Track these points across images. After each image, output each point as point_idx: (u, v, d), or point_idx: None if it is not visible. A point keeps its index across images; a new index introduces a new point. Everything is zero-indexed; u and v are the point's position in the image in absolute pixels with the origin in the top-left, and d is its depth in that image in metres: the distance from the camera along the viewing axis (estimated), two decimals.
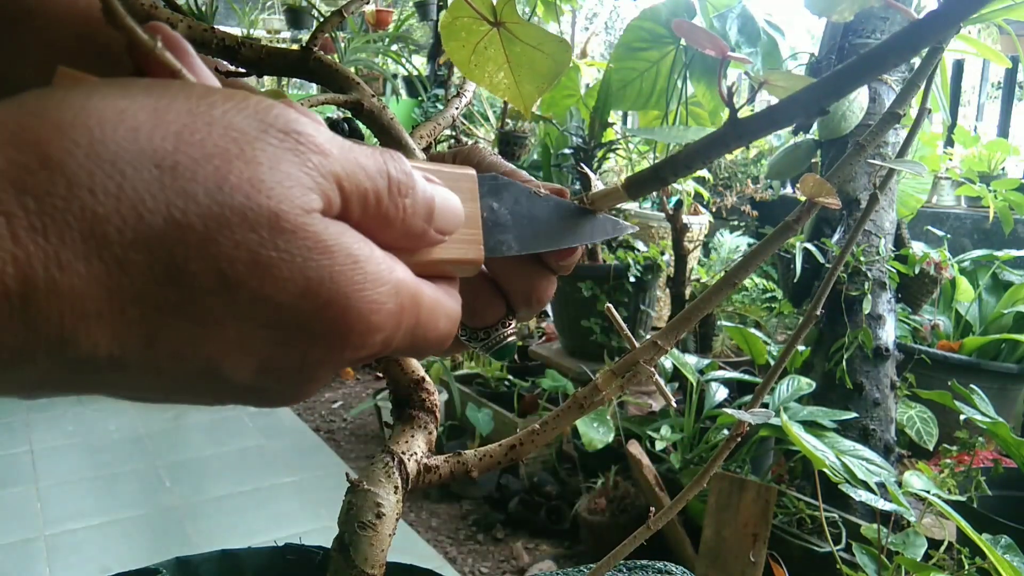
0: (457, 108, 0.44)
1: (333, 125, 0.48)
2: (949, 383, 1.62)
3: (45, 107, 0.21)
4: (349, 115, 0.42)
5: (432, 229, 0.28)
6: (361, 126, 0.48)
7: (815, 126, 2.04)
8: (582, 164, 2.48)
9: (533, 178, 0.39)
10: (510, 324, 0.40)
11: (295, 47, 0.39)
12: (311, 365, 0.24)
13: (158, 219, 0.21)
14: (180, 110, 0.22)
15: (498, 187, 0.34)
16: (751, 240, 3.66)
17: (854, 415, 1.86)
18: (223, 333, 0.22)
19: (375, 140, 0.43)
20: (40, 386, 0.22)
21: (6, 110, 0.20)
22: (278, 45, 0.37)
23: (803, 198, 0.31)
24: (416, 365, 0.44)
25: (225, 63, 0.39)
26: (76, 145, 0.20)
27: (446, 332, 0.29)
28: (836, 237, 2.04)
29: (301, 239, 0.22)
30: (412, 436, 0.42)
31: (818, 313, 0.37)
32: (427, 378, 0.44)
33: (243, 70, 0.38)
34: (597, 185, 0.39)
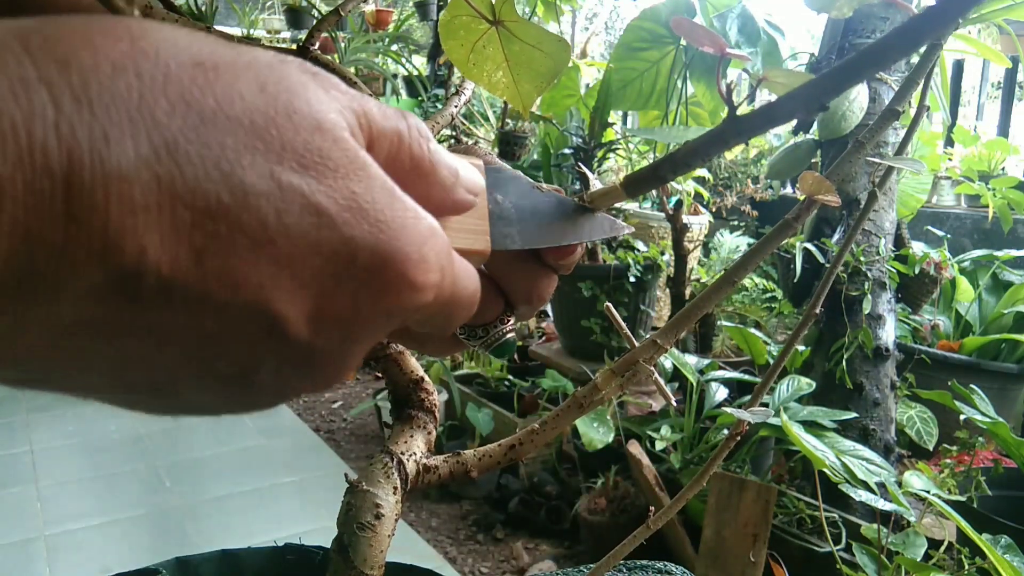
0: (456, 107, 0.44)
1: None
2: (949, 383, 1.62)
3: (87, 18, 0.19)
4: None
5: (460, 185, 0.26)
6: None
7: (815, 126, 2.04)
8: (581, 164, 2.48)
9: (529, 180, 0.39)
10: (509, 321, 0.40)
11: (293, 47, 0.39)
12: (362, 314, 0.22)
13: (207, 106, 0.19)
14: (210, 40, 0.21)
15: (502, 180, 0.34)
16: (751, 240, 3.66)
17: (854, 415, 1.86)
18: (275, 251, 0.20)
19: None
20: (73, 329, 0.19)
21: (43, 17, 0.19)
22: (278, 45, 0.37)
23: (803, 196, 0.31)
24: (415, 365, 0.44)
25: None
26: (117, 37, 0.19)
27: (474, 297, 0.27)
28: (836, 237, 2.04)
29: (342, 151, 0.21)
30: (411, 436, 0.42)
31: (817, 312, 0.37)
32: (426, 378, 0.44)
33: None
34: (596, 184, 0.39)
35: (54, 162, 0.17)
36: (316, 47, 0.38)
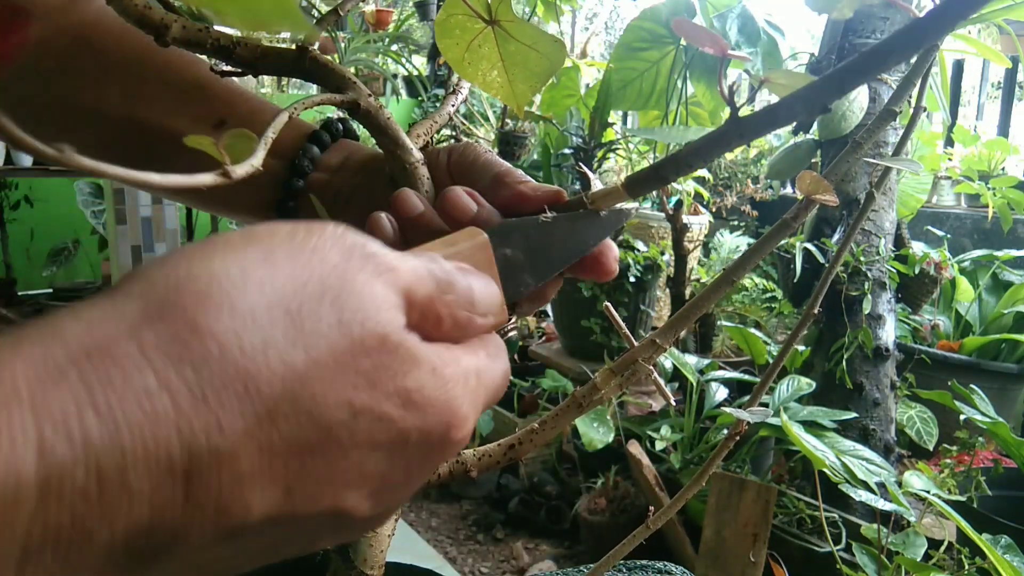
0: (453, 105, 0.44)
1: (328, 125, 0.48)
2: (949, 383, 1.62)
3: (177, 278, 0.22)
4: (346, 116, 0.42)
5: (476, 316, 0.29)
6: (356, 126, 0.48)
7: (815, 126, 2.04)
8: (581, 164, 2.48)
9: (531, 178, 0.39)
10: (510, 321, 0.40)
11: (293, 47, 0.39)
12: (413, 476, 0.26)
13: (299, 361, 0.22)
14: (283, 252, 0.24)
15: (507, 231, 0.35)
16: (751, 240, 3.66)
17: (854, 415, 1.86)
18: (347, 463, 0.23)
19: (372, 141, 0.43)
20: (183, 571, 0.22)
21: (139, 285, 0.22)
22: (277, 45, 0.37)
23: (801, 196, 0.31)
24: None
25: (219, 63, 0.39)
26: (219, 309, 0.21)
27: (503, 383, 0.31)
28: (836, 237, 2.04)
29: (400, 357, 0.24)
30: None
31: (816, 311, 0.37)
32: None
33: (238, 70, 0.38)
34: (597, 184, 0.39)
35: (176, 461, 0.20)
36: (315, 47, 0.38)
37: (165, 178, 0.26)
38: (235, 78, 0.41)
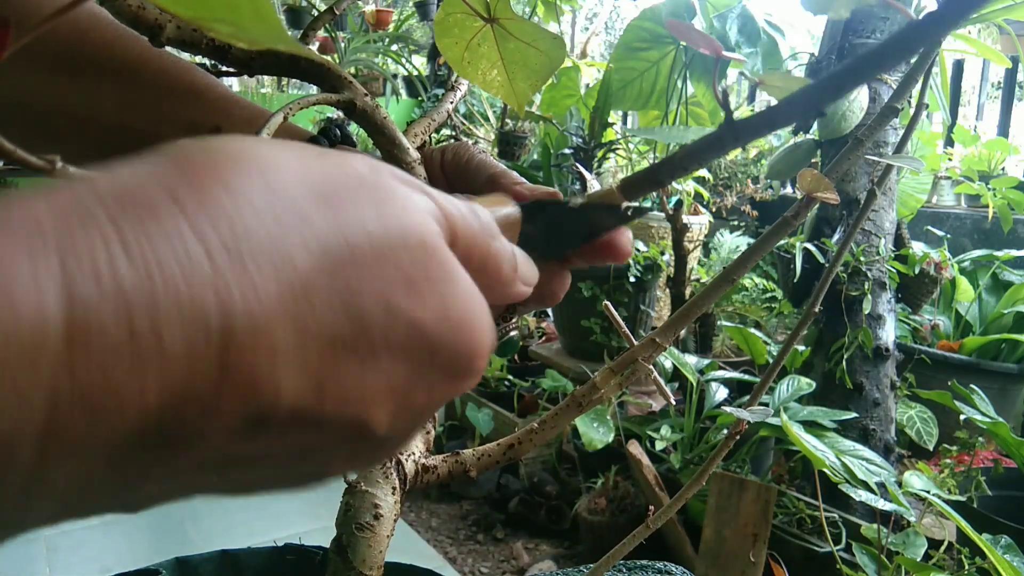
0: (452, 102, 0.44)
1: (326, 130, 0.47)
2: (949, 383, 1.62)
3: (212, 147, 0.21)
4: (346, 118, 0.41)
5: (516, 277, 0.28)
6: (353, 130, 0.48)
7: (815, 126, 2.04)
8: (578, 165, 2.48)
9: (524, 180, 0.39)
10: (512, 320, 0.40)
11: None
12: (433, 400, 0.24)
13: (336, 243, 0.21)
14: (314, 156, 0.22)
15: (535, 211, 0.35)
16: (751, 240, 3.65)
17: (854, 415, 1.86)
18: (377, 370, 0.22)
19: (370, 142, 0.43)
20: (195, 467, 0.20)
21: (171, 148, 0.20)
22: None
23: (802, 195, 0.31)
24: None
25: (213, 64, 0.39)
26: (253, 177, 0.20)
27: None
28: (836, 237, 2.04)
29: (438, 263, 0.23)
30: None
31: (817, 310, 0.37)
32: None
33: (234, 70, 0.38)
34: (594, 185, 0.39)
35: (212, 322, 0.18)
36: (313, 47, 0.38)
37: None
38: (234, 78, 0.41)
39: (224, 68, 0.38)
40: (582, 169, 0.46)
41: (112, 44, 0.46)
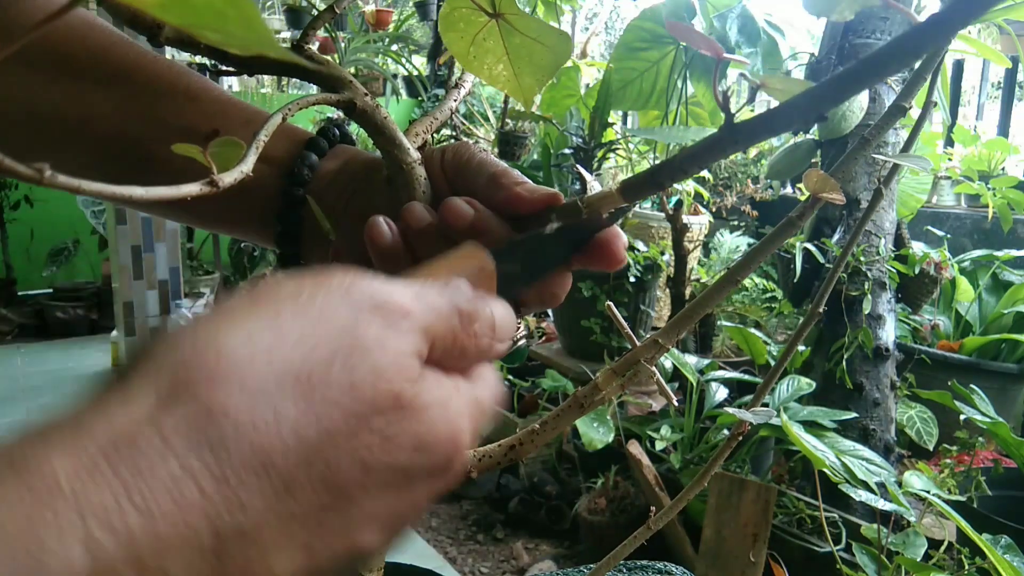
0: (455, 100, 0.44)
1: (324, 130, 0.47)
2: (949, 383, 1.62)
3: (185, 357, 0.23)
4: (346, 117, 0.41)
5: (496, 342, 0.30)
6: (353, 129, 0.48)
7: (815, 126, 2.04)
8: (578, 166, 2.47)
9: (527, 179, 0.39)
10: (519, 328, 0.40)
11: (288, 46, 0.38)
12: (419, 504, 0.27)
13: (311, 431, 0.23)
14: (289, 315, 0.24)
15: (511, 249, 0.36)
16: (751, 240, 3.65)
17: (854, 415, 1.86)
18: (361, 513, 0.24)
19: (370, 143, 0.43)
20: None
21: (152, 369, 0.23)
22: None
23: (805, 195, 0.31)
24: None
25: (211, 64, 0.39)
26: (230, 387, 0.22)
27: (496, 399, 0.31)
28: (836, 237, 2.04)
29: (412, 410, 0.25)
30: None
31: (820, 311, 0.37)
32: None
33: (232, 70, 0.38)
34: (594, 187, 0.39)
35: (206, 542, 0.21)
36: (313, 47, 0.38)
37: (149, 191, 0.26)
38: (234, 78, 0.41)
39: (224, 68, 0.38)
40: (582, 170, 0.46)
41: (107, 51, 0.46)
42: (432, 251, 0.37)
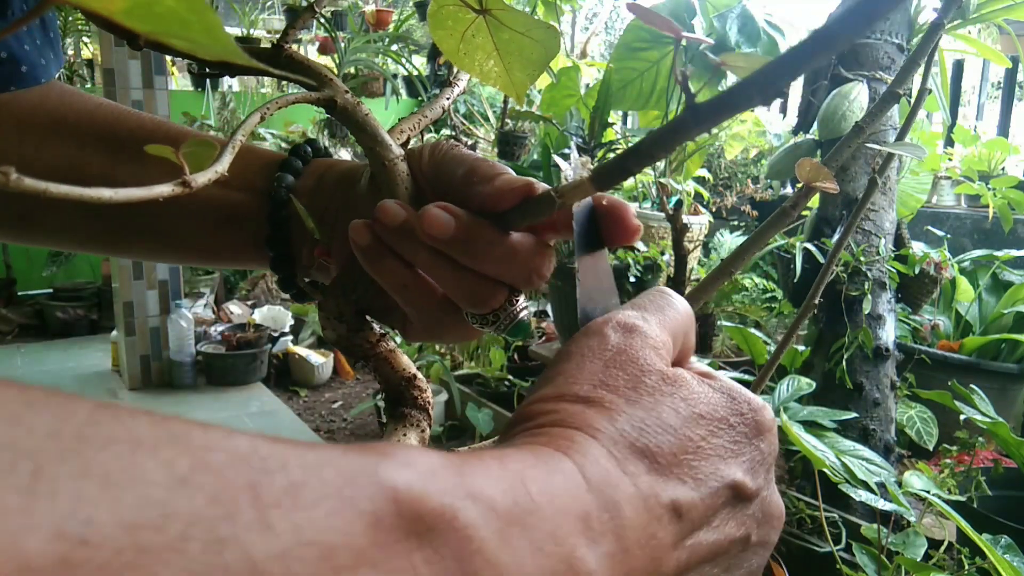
0: (448, 99, 0.44)
1: (296, 151, 0.48)
2: (949, 383, 1.61)
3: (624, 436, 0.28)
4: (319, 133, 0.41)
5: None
6: (323, 142, 0.48)
7: (815, 126, 2.04)
8: (555, 155, 2.47)
9: (507, 169, 0.39)
10: (518, 301, 0.39)
11: (269, 45, 0.38)
12: (768, 457, 0.32)
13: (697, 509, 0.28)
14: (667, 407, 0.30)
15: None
16: None
17: (854, 415, 1.86)
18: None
19: (356, 143, 0.42)
20: None
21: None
22: (252, 45, 0.37)
23: (800, 184, 0.31)
24: (407, 363, 0.43)
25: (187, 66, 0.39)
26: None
27: None
28: (836, 237, 2.03)
29: (693, 417, 0.30)
30: (405, 434, 0.41)
31: (816, 303, 0.37)
32: (419, 375, 0.43)
33: (215, 71, 0.38)
34: (568, 176, 0.38)
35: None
36: (313, 47, 0.38)
37: (118, 192, 0.26)
38: (234, 78, 0.41)
39: (208, 70, 0.38)
40: (558, 159, 0.46)
41: (93, 113, 0.49)
42: (412, 248, 0.37)
